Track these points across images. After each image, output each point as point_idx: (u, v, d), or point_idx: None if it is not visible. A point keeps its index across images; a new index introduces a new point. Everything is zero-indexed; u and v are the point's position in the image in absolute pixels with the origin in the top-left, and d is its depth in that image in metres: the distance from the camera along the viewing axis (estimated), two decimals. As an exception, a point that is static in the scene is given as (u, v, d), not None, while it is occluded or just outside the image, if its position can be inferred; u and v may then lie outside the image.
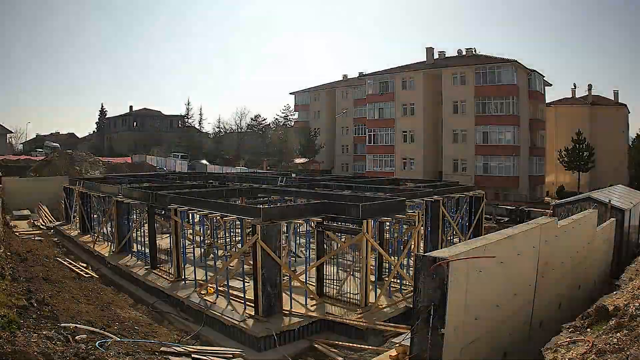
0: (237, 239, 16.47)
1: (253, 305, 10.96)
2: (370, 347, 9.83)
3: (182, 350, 8.51)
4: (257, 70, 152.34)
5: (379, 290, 12.30)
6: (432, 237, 16.07)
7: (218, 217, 12.08)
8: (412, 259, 13.41)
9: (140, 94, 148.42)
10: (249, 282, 11.54)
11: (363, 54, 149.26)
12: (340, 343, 10.14)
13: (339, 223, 11.99)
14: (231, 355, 8.84)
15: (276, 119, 79.44)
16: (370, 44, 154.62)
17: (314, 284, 12.36)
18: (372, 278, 12.20)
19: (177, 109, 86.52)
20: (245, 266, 12.04)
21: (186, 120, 77.40)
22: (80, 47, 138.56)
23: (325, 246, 12.13)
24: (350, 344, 10.01)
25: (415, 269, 6.21)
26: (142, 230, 16.10)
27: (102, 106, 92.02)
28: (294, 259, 14.44)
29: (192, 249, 15.18)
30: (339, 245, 12.05)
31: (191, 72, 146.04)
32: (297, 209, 12.34)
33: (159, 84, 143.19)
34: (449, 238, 16.85)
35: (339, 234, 12.04)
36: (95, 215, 20.50)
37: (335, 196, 14.44)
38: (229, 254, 13.70)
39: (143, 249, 15.62)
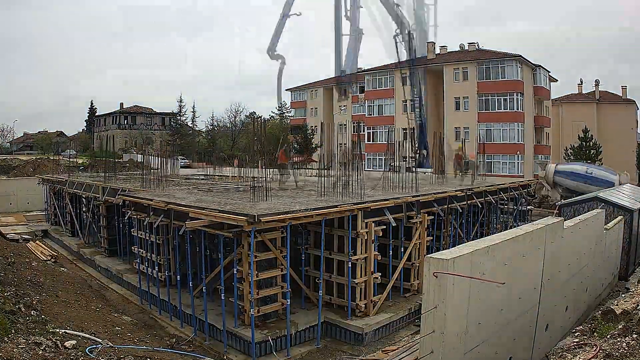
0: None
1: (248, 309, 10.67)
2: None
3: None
4: (253, 66, 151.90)
5: (380, 293, 12.04)
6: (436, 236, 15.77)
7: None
8: (415, 260, 13.25)
9: (132, 91, 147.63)
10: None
11: (361, 49, 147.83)
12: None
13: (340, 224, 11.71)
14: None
15: (272, 116, 79.08)
16: (369, 40, 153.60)
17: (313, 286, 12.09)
18: (374, 280, 11.92)
19: (170, 107, 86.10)
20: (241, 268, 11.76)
21: (178, 117, 76.98)
22: (73, 44, 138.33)
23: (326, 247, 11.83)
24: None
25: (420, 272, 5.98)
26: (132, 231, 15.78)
27: (92, 103, 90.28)
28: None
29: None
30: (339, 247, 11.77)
31: (185, 68, 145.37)
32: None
33: (152, 81, 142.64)
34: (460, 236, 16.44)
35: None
36: (85, 217, 20.21)
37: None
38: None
39: (134, 251, 15.29)
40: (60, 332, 8.01)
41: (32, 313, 8.42)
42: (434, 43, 51.26)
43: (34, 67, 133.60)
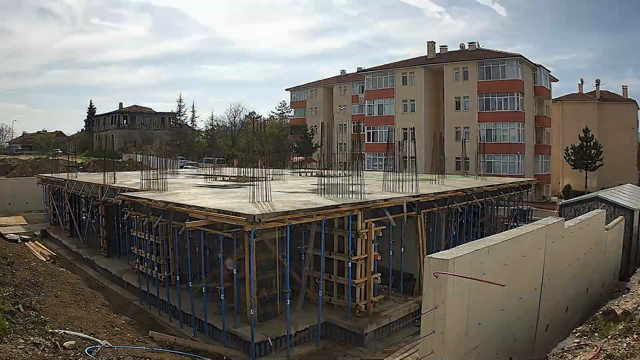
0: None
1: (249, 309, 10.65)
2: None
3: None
4: (253, 65, 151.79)
5: (380, 293, 12.02)
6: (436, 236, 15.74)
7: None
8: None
9: (131, 91, 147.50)
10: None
11: (361, 48, 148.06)
12: None
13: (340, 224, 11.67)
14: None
15: (272, 116, 79.13)
16: (368, 39, 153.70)
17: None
18: (374, 280, 11.89)
19: (169, 106, 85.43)
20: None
21: (178, 117, 76.72)
22: (71, 42, 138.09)
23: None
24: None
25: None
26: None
27: (91, 103, 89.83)
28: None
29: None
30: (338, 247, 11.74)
31: (184, 68, 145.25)
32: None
33: (150, 80, 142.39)
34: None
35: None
36: (84, 217, 20.15)
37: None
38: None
39: (134, 251, 15.26)
40: (59, 333, 7.98)
41: (31, 313, 8.39)
42: (434, 42, 51.40)
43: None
